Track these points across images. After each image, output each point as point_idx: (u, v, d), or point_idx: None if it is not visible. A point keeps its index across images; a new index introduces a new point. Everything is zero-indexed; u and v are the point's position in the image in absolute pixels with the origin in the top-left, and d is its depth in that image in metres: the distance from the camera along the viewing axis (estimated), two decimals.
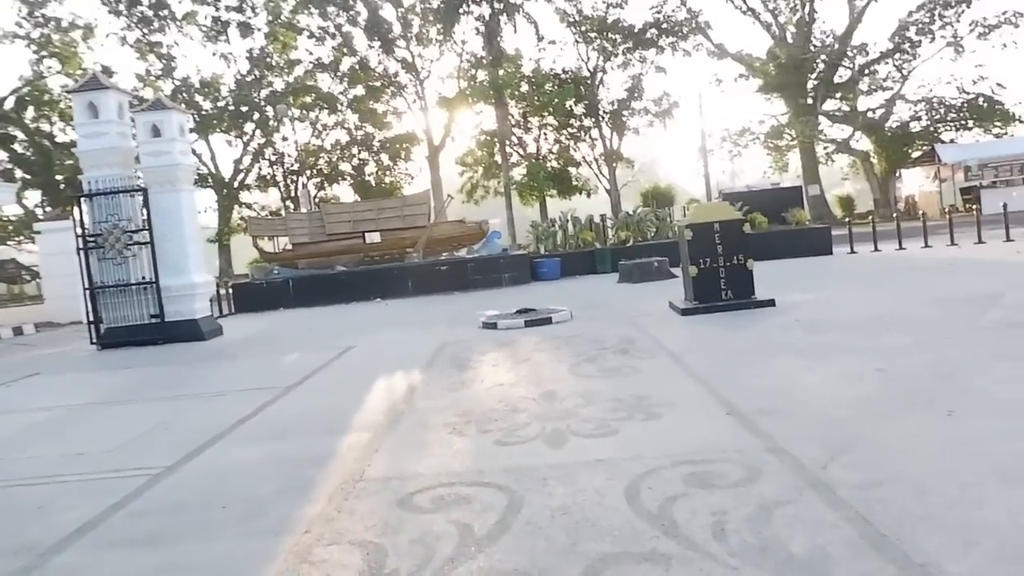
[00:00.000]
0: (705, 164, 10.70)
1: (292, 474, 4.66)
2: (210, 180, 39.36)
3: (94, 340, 12.64)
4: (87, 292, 12.47)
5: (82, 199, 12.58)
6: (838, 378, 5.82)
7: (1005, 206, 18.27)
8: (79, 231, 12.42)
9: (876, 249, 18.32)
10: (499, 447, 4.85)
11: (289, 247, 19.64)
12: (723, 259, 10.15)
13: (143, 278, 12.44)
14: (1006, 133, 38.30)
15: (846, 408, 4.96)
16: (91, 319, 12.54)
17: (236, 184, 40.43)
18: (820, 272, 14.61)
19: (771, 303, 10.03)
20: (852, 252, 18.39)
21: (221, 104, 39.65)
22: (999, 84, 38.37)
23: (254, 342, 12.27)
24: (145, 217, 12.49)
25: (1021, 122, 37.37)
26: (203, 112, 39.21)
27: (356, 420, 6.00)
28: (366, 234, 19.51)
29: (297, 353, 10.40)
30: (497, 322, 10.74)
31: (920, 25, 39.19)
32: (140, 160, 12.82)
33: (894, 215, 23.40)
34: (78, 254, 12.46)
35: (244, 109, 39.33)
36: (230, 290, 18.50)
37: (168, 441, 5.82)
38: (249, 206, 39.91)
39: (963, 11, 38.72)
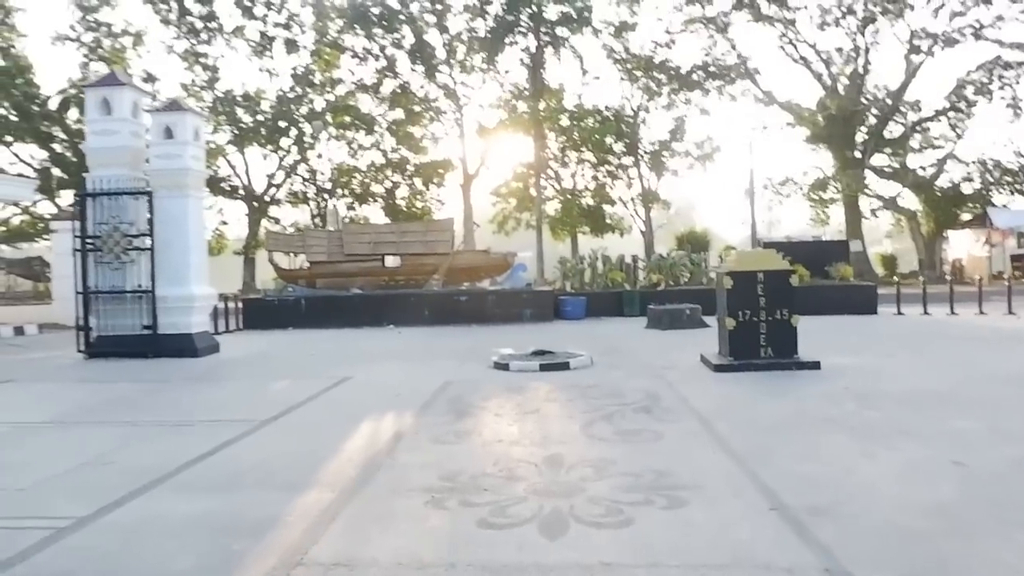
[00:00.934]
0: (752, 209, 9.69)
1: (219, 546, 3.72)
2: (241, 192, 39.09)
3: (81, 348, 11.88)
4: (79, 296, 11.74)
5: (86, 198, 11.91)
6: (905, 471, 4.77)
7: None
8: (77, 231, 11.73)
9: (926, 312, 17.10)
10: (482, 530, 3.89)
11: (307, 264, 18.89)
12: (765, 312, 9.12)
13: (139, 286, 11.69)
14: None
15: (922, 517, 3.92)
16: (79, 325, 11.80)
17: (268, 198, 40.13)
18: (866, 333, 13.46)
19: (815, 366, 8.96)
20: (899, 313, 17.18)
21: (260, 118, 39.54)
22: None
23: (248, 363, 11.43)
24: (149, 222, 11.78)
25: None
26: (242, 125, 39.15)
27: (323, 473, 5.06)
28: (386, 257, 18.73)
29: (288, 380, 9.52)
30: (509, 363, 9.78)
31: (978, 85, 37.97)
32: (149, 162, 12.15)
33: (944, 277, 22.17)
34: (74, 255, 11.77)
35: (283, 124, 39.16)
36: (240, 305, 17.75)
37: (97, 482, 4.93)
38: (278, 220, 39.51)
39: (1023, 74, 37.45)
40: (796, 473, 4.75)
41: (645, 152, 39.01)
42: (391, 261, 18.52)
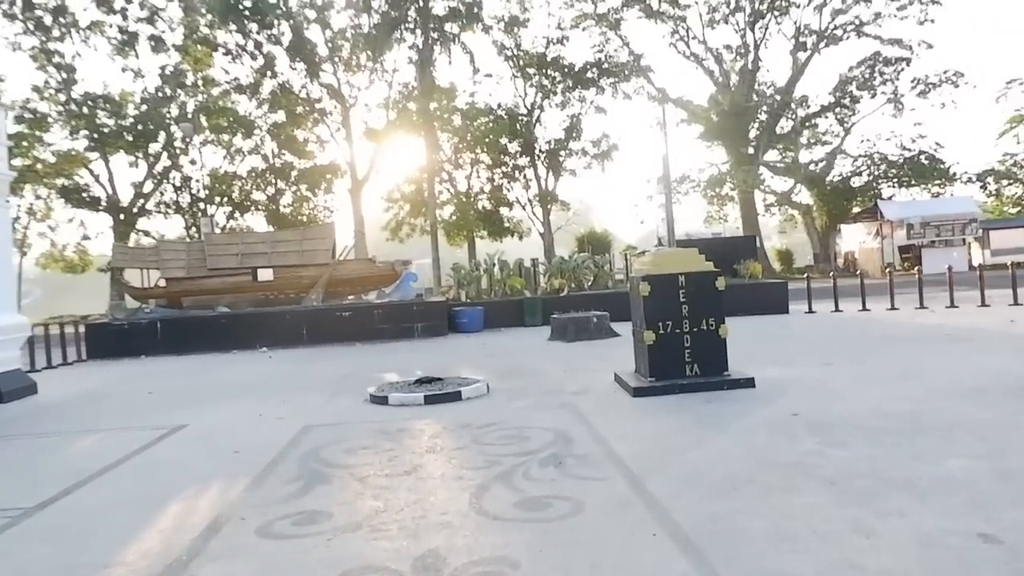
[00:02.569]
0: (668, 201, 8.39)
1: None
2: (103, 203, 35.65)
3: None
4: None
5: None
6: (928, 561, 3.33)
7: (950, 268, 16.54)
8: None
9: (837, 309, 16.32)
10: None
11: (163, 282, 16.49)
12: (689, 323, 7.71)
13: None
14: (943, 192, 37.77)
15: None
16: None
17: (136, 209, 36.76)
18: (788, 336, 12.38)
19: (749, 383, 7.62)
20: (810, 311, 16.35)
21: (125, 122, 36.13)
22: (937, 143, 38.01)
23: (65, 409, 9.24)
24: None
25: (960, 181, 36.88)
26: (103, 130, 35.67)
27: None
28: (258, 270, 16.59)
29: (102, 434, 7.47)
30: (388, 395, 8.04)
31: (861, 80, 38.66)
32: None
33: (837, 270, 21.75)
34: None
35: (150, 127, 35.90)
36: (81, 331, 15.25)
37: None
38: (147, 233, 36.21)
39: (903, 69, 38.41)
40: (774, 574, 3.24)
41: (541, 151, 37.88)
42: (263, 274, 16.40)
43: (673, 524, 3.91)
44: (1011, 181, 39.78)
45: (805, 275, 18.62)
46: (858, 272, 20.52)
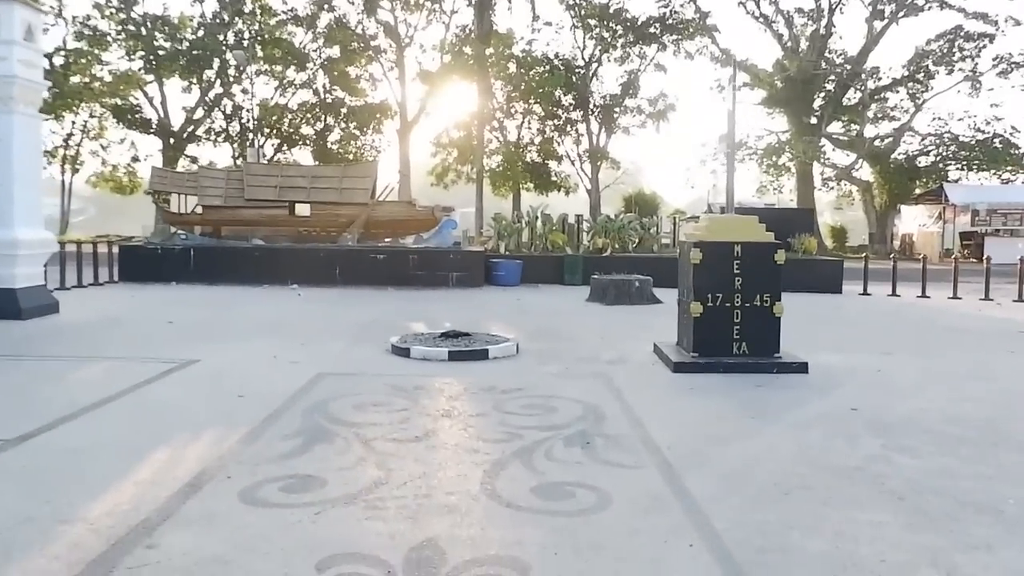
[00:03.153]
0: (730, 164, 7.52)
1: None
2: (154, 126, 35.59)
3: None
4: None
5: None
6: None
7: (1022, 260, 15.34)
8: None
9: (894, 293, 15.40)
10: None
11: (200, 209, 16.17)
12: (741, 297, 7.06)
13: None
14: (1014, 179, 35.88)
15: None
16: None
17: (186, 135, 36.66)
18: (843, 319, 11.62)
19: (802, 368, 6.97)
20: (865, 293, 15.46)
21: (182, 46, 35.80)
22: (1013, 127, 35.97)
23: (82, 331, 8.95)
24: None
25: None
26: (159, 52, 35.43)
27: None
28: (296, 204, 16.17)
29: (111, 362, 7.12)
30: (411, 347, 7.55)
31: (938, 55, 36.61)
32: None
33: (891, 254, 20.62)
34: None
35: (205, 53, 35.52)
36: (116, 252, 15.04)
37: None
38: (195, 159, 36.10)
39: (984, 45, 36.20)
40: None
41: (596, 106, 36.72)
42: (300, 210, 15.98)
43: (714, 534, 3.35)
44: None
45: (863, 255, 17.63)
46: (919, 255, 19.45)
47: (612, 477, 4.07)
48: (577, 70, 36.86)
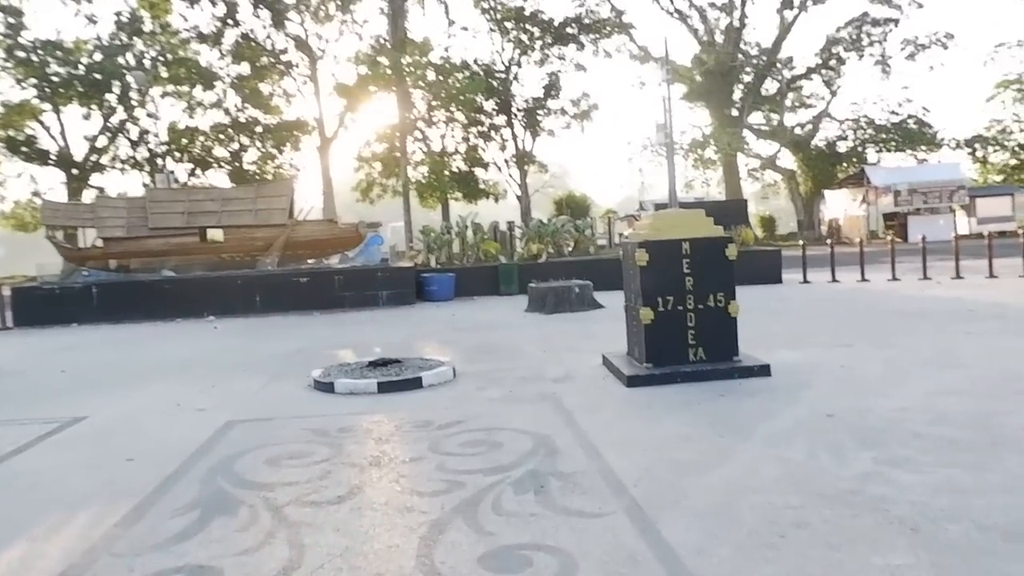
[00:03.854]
0: (669, 158, 6.94)
1: None
2: (52, 157, 33.62)
3: None
4: None
5: None
6: None
7: (956, 237, 15.40)
8: None
9: (834, 279, 15.21)
10: None
11: (99, 243, 14.92)
12: (693, 298, 6.48)
13: None
14: (928, 159, 36.81)
15: None
16: None
17: (89, 164, 34.73)
18: (790, 311, 11.24)
19: (764, 371, 6.42)
20: (805, 281, 15.23)
21: (78, 71, 33.87)
22: (924, 108, 36.94)
23: None
24: None
25: (948, 147, 35.92)
26: (53, 79, 33.47)
27: None
28: (207, 230, 15.10)
29: None
30: (335, 382, 6.74)
31: (848, 42, 37.37)
32: None
33: (822, 238, 20.65)
34: None
35: (103, 77, 33.70)
36: (7, 296, 13.74)
37: None
38: (102, 190, 34.22)
39: (891, 30, 37.18)
40: None
41: (519, 110, 36.28)
42: (212, 235, 14.91)
43: None
44: (997, 147, 38.89)
45: (796, 242, 17.45)
46: (847, 239, 19.48)
47: (575, 531, 3.38)
48: (497, 74, 36.41)
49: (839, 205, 36.97)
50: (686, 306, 6.48)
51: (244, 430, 5.52)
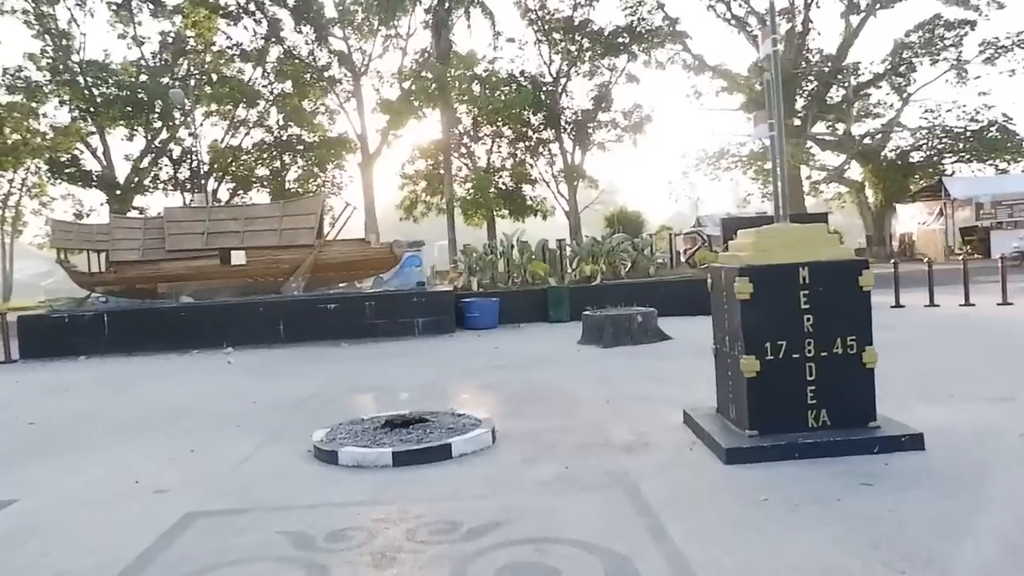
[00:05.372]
0: (780, 152, 5.36)
1: None
2: (94, 178, 33.16)
3: None
4: None
5: None
6: None
7: None
8: None
9: (932, 303, 13.27)
10: None
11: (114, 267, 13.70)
12: (814, 343, 4.80)
13: None
14: (1009, 168, 34.12)
15: None
16: None
17: (132, 184, 34.20)
18: (901, 345, 9.27)
19: (916, 443, 4.69)
20: (898, 305, 13.31)
21: (123, 92, 33.45)
22: (1005, 115, 34.29)
23: None
24: None
25: None
26: (98, 100, 33.10)
27: None
28: (229, 252, 13.83)
29: None
30: (339, 451, 5.20)
31: (919, 46, 35.02)
32: None
33: (893, 254, 18.60)
34: None
35: (146, 98, 33.20)
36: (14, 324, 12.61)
37: None
38: (143, 211, 33.64)
39: (966, 33, 34.68)
40: None
41: (568, 123, 34.74)
42: (235, 257, 13.63)
43: None
44: None
45: (892, 260, 15.51)
46: (921, 256, 17.45)
47: None
48: (545, 87, 34.97)
49: (912, 219, 34.53)
50: (804, 353, 4.79)
51: (202, 533, 4.01)
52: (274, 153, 35.39)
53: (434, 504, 4.23)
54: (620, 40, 35.13)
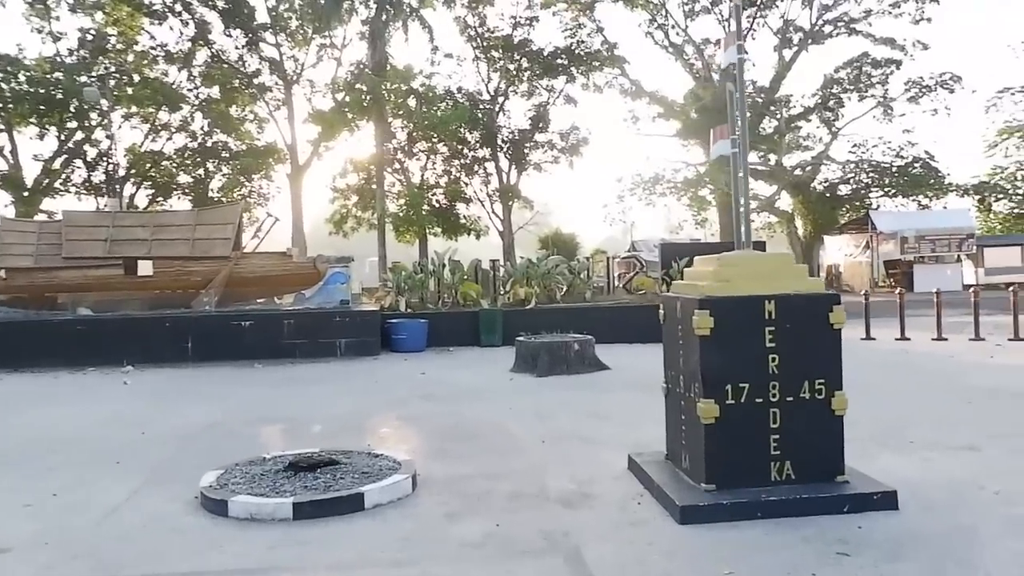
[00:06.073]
0: (744, 167, 4.83)
1: None
2: None
3: None
4: None
5: None
6: None
7: (1013, 287, 13.35)
8: None
9: (869, 336, 13.12)
10: None
11: (3, 274, 12.43)
12: (779, 386, 4.26)
13: None
14: (932, 205, 35.11)
15: None
16: None
17: (42, 187, 32.16)
18: (850, 384, 8.94)
19: (889, 501, 4.18)
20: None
21: (36, 89, 31.51)
22: (927, 153, 35.32)
23: None
24: None
25: (955, 194, 34.27)
26: (7, 94, 31.11)
27: None
28: (137, 261, 12.72)
29: None
30: (230, 500, 4.41)
31: (847, 82, 35.87)
32: None
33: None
34: None
35: (60, 96, 31.37)
36: None
37: None
38: (51, 215, 31.61)
39: (892, 71, 35.67)
40: None
41: (504, 142, 34.29)
42: (142, 268, 12.54)
43: None
44: (1000, 196, 37.39)
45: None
46: (847, 287, 17.49)
47: None
48: (483, 105, 34.45)
49: (839, 251, 35.18)
50: (768, 398, 4.26)
51: None
52: (197, 160, 33.85)
53: (337, 574, 3.49)
54: (559, 61, 34.91)
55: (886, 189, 34.24)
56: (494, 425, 6.78)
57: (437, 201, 34.12)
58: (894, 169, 33.97)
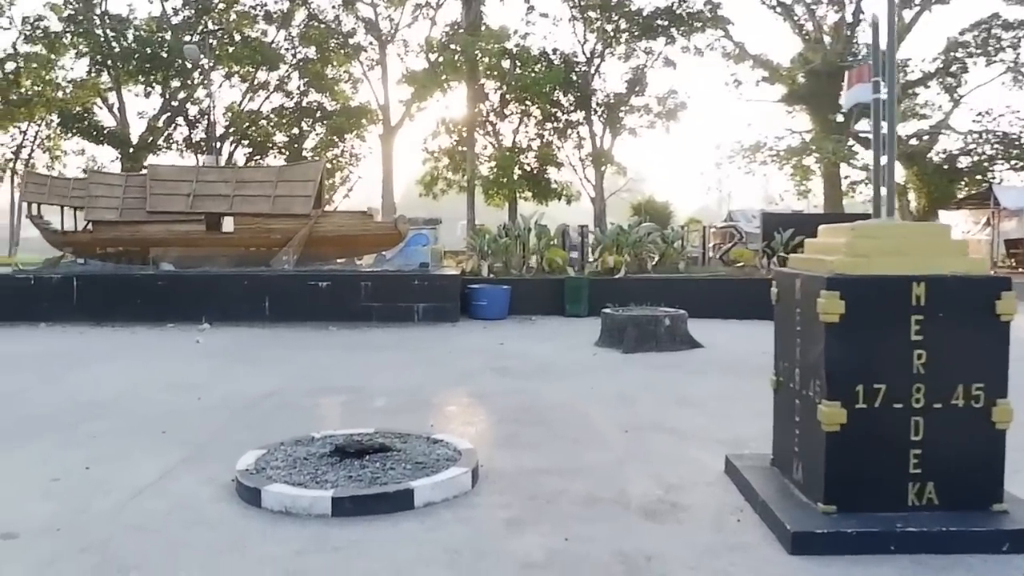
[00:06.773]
0: (891, 117, 3.97)
1: None
2: (104, 135, 32.10)
3: None
4: None
5: None
6: None
7: None
8: None
9: None
10: None
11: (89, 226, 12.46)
12: (925, 389, 3.40)
13: None
14: None
15: None
16: None
17: (147, 143, 33.06)
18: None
19: None
20: None
21: (144, 48, 32.30)
22: None
23: None
24: None
25: None
26: (116, 53, 31.98)
27: None
28: (219, 217, 12.56)
29: None
30: (265, 488, 3.89)
31: (974, 46, 32.96)
32: None
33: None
34: None
35: (167, 55, 32.04)
36: None
37: None
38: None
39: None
40: None
41: (599, 105, 33.12)
42: (223, 224, 12.34)
43: None
44: None
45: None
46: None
47: None
48: (578, 67, 33.32)
49: (956, 227, 32.62)
50: (911, 403, 3.41)
51: None
52: (293, 119, 34.12)
53: None
54: (659, 22, 33.36)
55: (1013, 162, 31.44)
56: (572, 408, 6.09)
57: (528, 165, 33.37)
58: (1023, 140, 31.15)
